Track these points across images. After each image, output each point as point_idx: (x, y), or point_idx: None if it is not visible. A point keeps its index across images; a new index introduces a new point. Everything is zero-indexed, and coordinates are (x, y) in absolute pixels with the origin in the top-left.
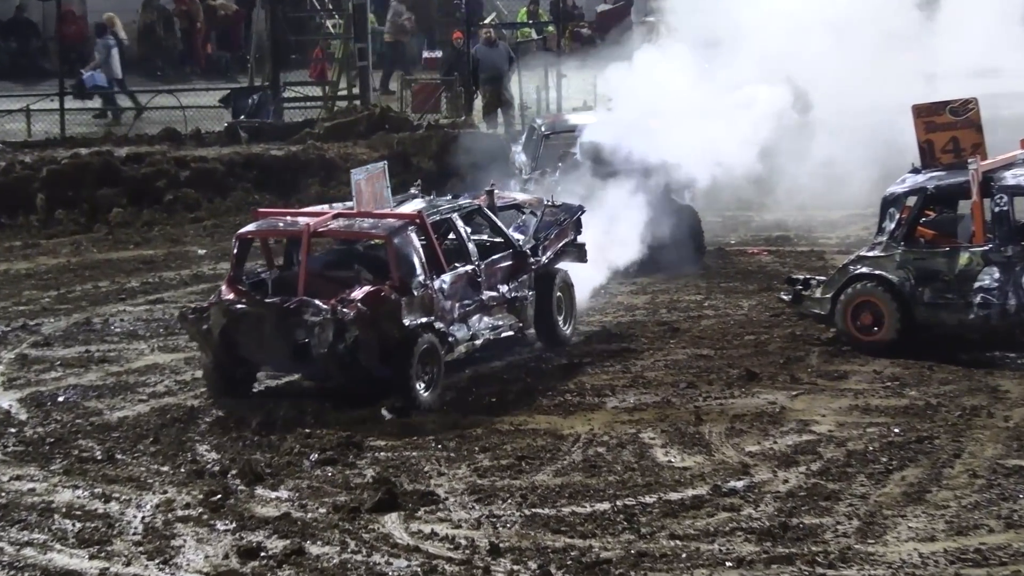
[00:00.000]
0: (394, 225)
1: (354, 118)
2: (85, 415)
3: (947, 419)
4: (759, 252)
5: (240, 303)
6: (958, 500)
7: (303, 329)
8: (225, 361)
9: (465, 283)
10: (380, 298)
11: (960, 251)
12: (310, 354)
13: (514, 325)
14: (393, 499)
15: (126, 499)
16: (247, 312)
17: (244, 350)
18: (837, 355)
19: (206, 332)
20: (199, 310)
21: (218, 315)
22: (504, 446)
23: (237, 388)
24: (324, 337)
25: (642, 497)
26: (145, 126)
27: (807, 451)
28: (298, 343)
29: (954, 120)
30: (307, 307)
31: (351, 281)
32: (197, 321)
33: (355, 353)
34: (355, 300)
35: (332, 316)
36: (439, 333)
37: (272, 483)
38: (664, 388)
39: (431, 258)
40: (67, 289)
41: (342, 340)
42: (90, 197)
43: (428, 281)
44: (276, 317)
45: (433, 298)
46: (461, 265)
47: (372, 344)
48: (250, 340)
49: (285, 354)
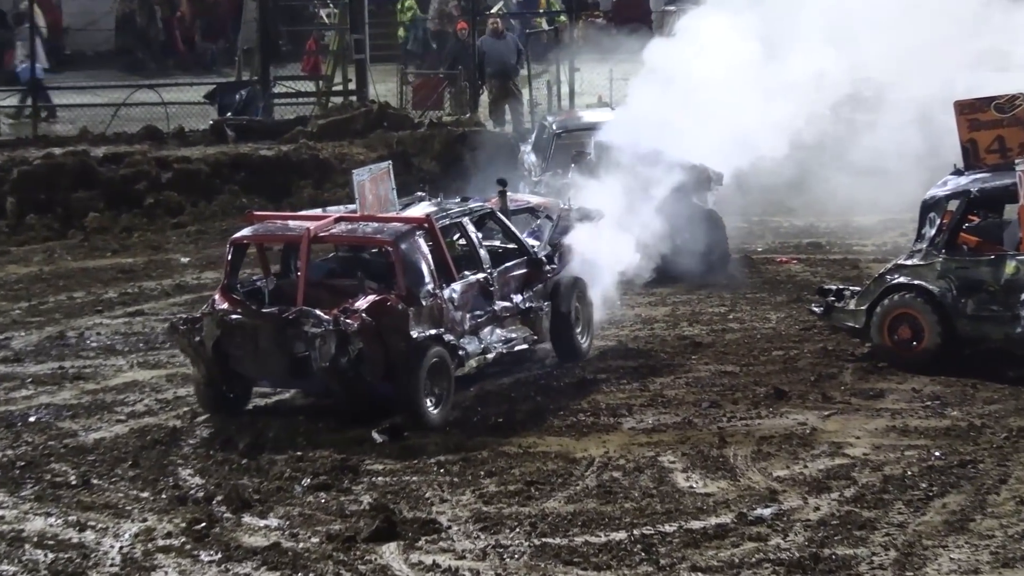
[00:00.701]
0: (401, 230)
1: (350, 115)
2: (59, 437)
3: (992, 441)
4: (788, 260)
5: (235, 313)
6: (1004, 529)
7: (302, 341)
8: (218, 376)
9: (477, 292)
10: (386, 308)
11: (1006, 259)
12: (310, 368)
13: (528, 338)
14: (391, 528)
15: (103, 528)
16: (242, 323)
17: (239, 364)
18: (872, 372)
19: (198, 345)
20: (191, 321)
21: (211, 326)
22: (512, 470)
23: (230, 405)
24: (326, 350)
25: (661, 526)
26: (124, 124)
27: (840, 476)
28: (297, 356)
29: (1000, 117)
30: (307, 318)
31: (354, 290)
32: (188, 333)
33: (359, 367)
34: (359, 310)
35: (334, 327)
36: (449, 346)
37: (261, 510)
38: (685, 408)
39: (440, 265)
40: (39, 300)
41: (345, 353)
42: (64, 200)
43: (437, 290)
44: (274, 328)
45: (443, 308)
46: (472, 273)
47: (377, 357)
48: (245, 353)
49: (283, 368)
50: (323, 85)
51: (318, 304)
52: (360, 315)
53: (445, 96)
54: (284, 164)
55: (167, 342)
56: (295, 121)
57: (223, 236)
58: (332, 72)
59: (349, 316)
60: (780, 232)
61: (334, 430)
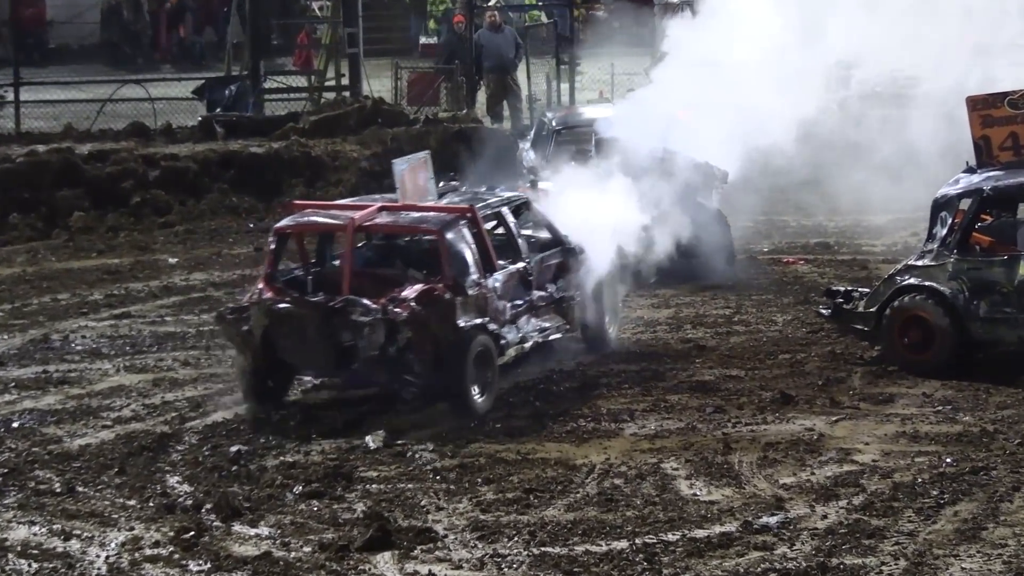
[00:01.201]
0: (445, 219)
1: (343, 111)
2: (43, 443)
3: (1005, 448)
4: (795, 261)
5: (283, 302)
6: (1017, 538)
7: (349, 330)
8: (264, 365)
9: (516, 282)
10: (434, 297)
11: (1020, 260)
12: (355, 357)
13: (561, 327)
14: (386, 536)
15: (88, 536)
16: (290, 312)
17: (285, 353)
18: (882, 376)
19: (246, 333)
20: (238, 310)
21: (259, 315)
22: (510, 477)
23: (272, 395)
24: (374, 339)
25: (664, 534)
26: (110, 120)
27: (848, 483)
28: (343, 346)
29: (1014, 113)
30: (354, 307)
31: (395, 279)
32: (236, 322)
33: (406, 356)
34: (408, 300)
35: (383, 316)
36: (493, 335)
37: (251, 519)
38: (689, 413)
39: (482, 255)
40: (22, 302)
41: (393, 342)
42: (48, 199)
43: (482, 279)
44: (320, 317)
45: (487, 298)
46: (512, 262)
47: (425, 347)
48: (292, 342)
49: (328, 357)
50: (315, 80)
51: (359, 293)
52: (409, 304)
53: (441, 91)
54: (275, 162)
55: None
56: (286, 117)
57: (212, 236)
58: (324, 67)
59: (398, 305)
60: (787, 232)
61: (327, 436)
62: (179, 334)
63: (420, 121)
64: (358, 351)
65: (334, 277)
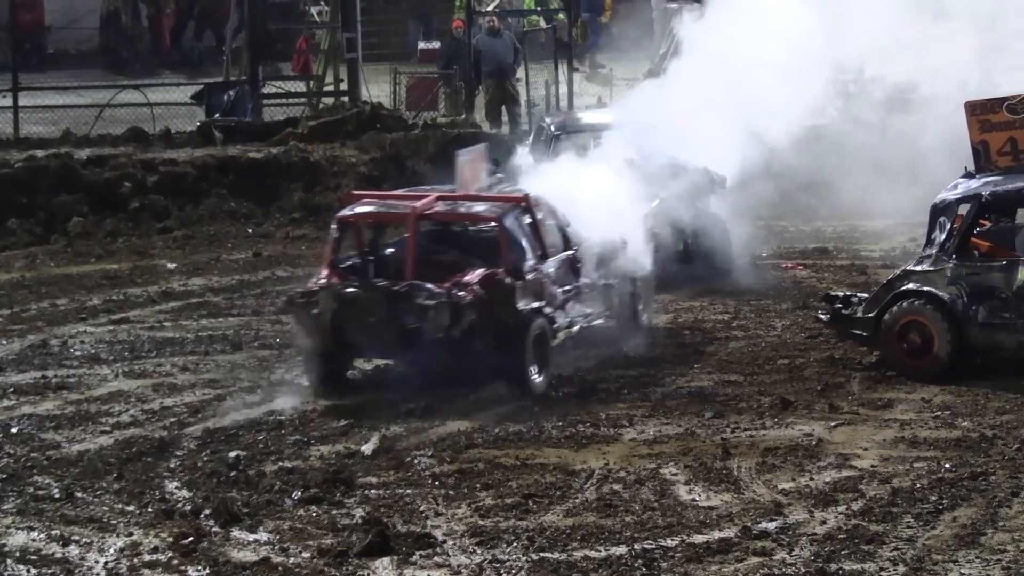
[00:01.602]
0: (504, 207)
1: (341, 116)
2: (41, 448)
3: (1004, 453)
4: (794, 266)
5: (351, 287)
6: (1016, 544)
7: (413, 314)
8: (332, 348)
9: (566, 269)
10: (496, 282)
11: (1019, 265)
12: (419, 339)
13: (603, 313)
14: (385, 542)
15: (87, 542)
16: (357, 296)
17: (351, 335)
18: (881, 381)
19: (316, 317)
20: (308, 294)
21: (328, 299)
22: (509, 483)
23: (335, 377)
24: (439, 322)
25: (663, 540)
26: (109, 125)
27: (847, 488)
28: (407, 328)
29: (1012, 119)
30: (419, 291)
31: (451, 264)
32: (306, 306)
33: (469, 338)
34: (471, 284)
35: (447, 300)
36: (548, 318)
37: (250, 524)
38: (688, 418)
39: (536, 242)
40: (21, 307)
41: (457, 325)
42: (47, 204)
43: (538, 265)
44: (386, 301)
45: (543, 283)
46: (561, 250)
47: (488, 329)
48: (359, 325)
49: (393, 339)
50: (314, 85)
51: (418, 278)
52: (473, 288)
53: (440, 96)
54: (273, 167)
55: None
56: (285, 122)
57: (210, 241)
58: (323, 72)
59: (462, 289)
60: (786, 237)
61: (326, 442)
62: (178, 339)
63: (419, 126)
64: (422, 333)
65: (391, 263)
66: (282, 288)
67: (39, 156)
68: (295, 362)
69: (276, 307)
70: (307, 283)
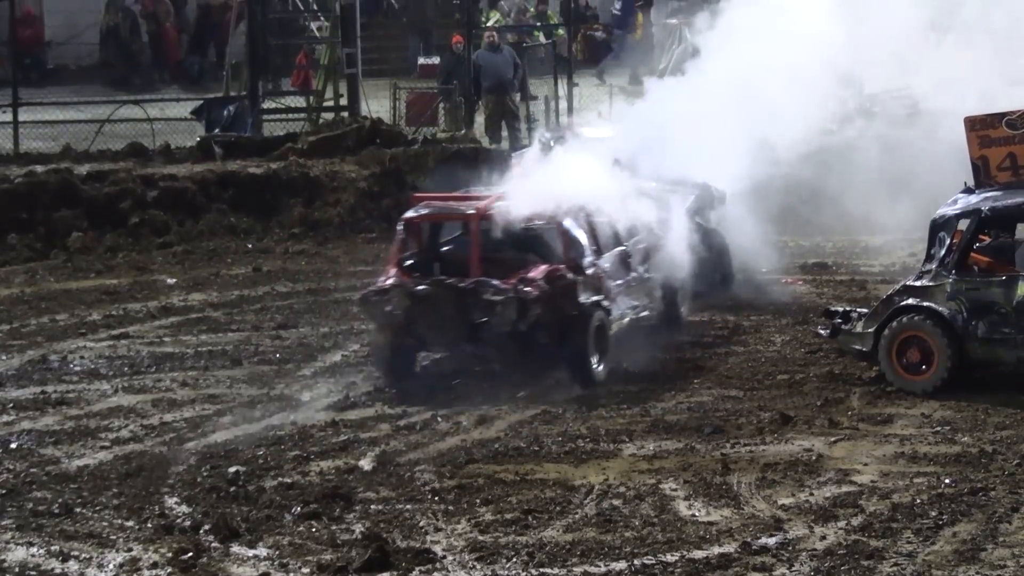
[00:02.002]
0: (564, 206)
1: (341, 132)
2: (41, 463)
3: (1004, 468)
4: (794, 281)
5: (422, 284)
6: (1016, 559)
7: (481, 309)
8: (402, 342)
9: (619, 264)
10: (559, 277)
11: (1018, 280)
12: (485, 333)
13: (647, 306)
14: (385, 557)
15: (86, 557)
16: (428, 293)
17: (422, 330)
18: (881, 396)
19: (389, 313)
20: (381, 292)
21: (401, 296)
22: (509, 498)
23: (404, 369)
24: (506, 316)
25: (663, 555)
26: (109, 140)
27: (847, 504)
28: (474, 322)
29: (1011, 134)
30: (486, 287)
31: (511, 261)
32: (380, 303)
33: (535, 331)
34: (537, 280)
35: (514, 295)
36: (606, 310)
37: (249, 540)
38: (687, 433)
39: (592, 239)
40: (21, 323)
41: (524, 318)
42: (46, 220)
43: (596, 261)
44: (455, 297)
45: (601, 277)
46: (615, 246)
47: (552, 322)
48: (429, 320)
49: (461, 334)
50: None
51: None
52: (539, 284)
53: (440, 112)
54: (273, 182)
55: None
56: (285, 137)
57: (210, 256)
58: (323, 87)
59: (528, 285)
60: (785, 252)
61: (325, 457)
62: (177, 354)
63: (418, 141)
64: (490, 327)
65: (453, 261)
66: (282, 303)
67: (39, 171)
68: (295, 377)
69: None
70: (376, 282)
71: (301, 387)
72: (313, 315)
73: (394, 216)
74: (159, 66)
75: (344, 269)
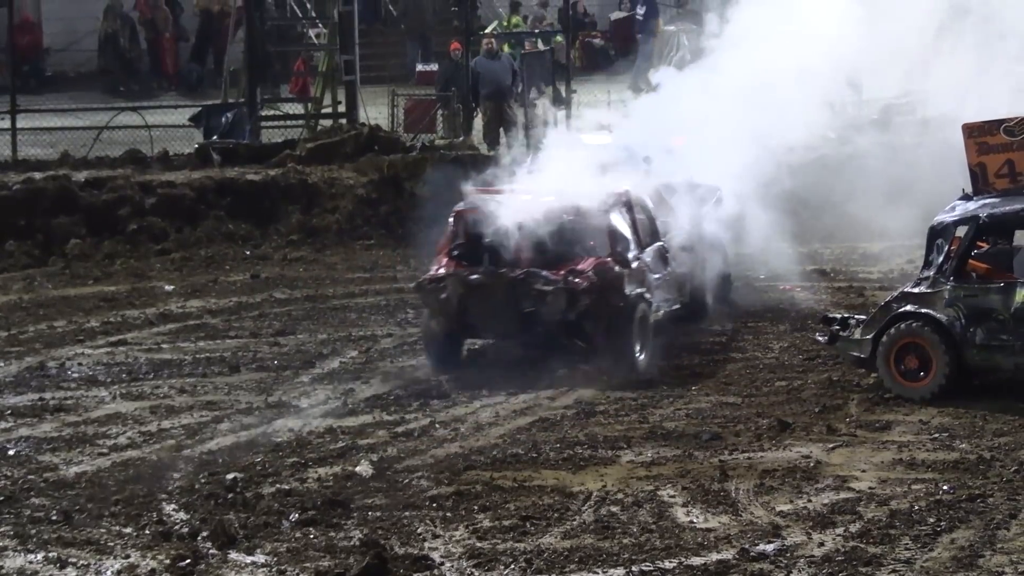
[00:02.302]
0: (609, 201)
1: (339, 139)
2: (38, 470)
3: (1002, 475)
4: (792, 287)
5: (476, 274)
6: (1014, 566)
7: (531, 298)
8: (455, 328)
9: (658, 258)
10: (607, 269)
11: (1017, 287)
12: (535, 322)
13: (679, 299)
14: (382, 564)
15: (84, 564)
16: (481, 282)
17: (474, 318)
18: (879, 403)
19: (444, 301)
20: (436, 280)
21: (455, 285)
22: (506, 505)
23: (453, 354)
24: (556, 306)
25: (661, 562)
26: (107, 147)
27: (845, 511)
28: (524, 311)
29: (1009, 141)
30: (537, 278)
31: (557, 253)
32: (435, 291)
33: (583, 321)
34: (586, 271)
35: (564, 286)
36: (648, 302)
37: (247, 546)
38: (685, 440)
39: (635, 233)
40: (19, 329)
41: (572, 308)
42: (44, 227)
43: (640, 255)
44: (508, 287)
45: (644, 270)
46: (654, 241)
47: (599, 312)
48: (481, 308)
49: (511, 322)
50: (312, 107)
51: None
52: (588, 275)
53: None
54: (271, 189)
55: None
56: (283, 144)
57: (208, 263)
58: (321, 94)
59: (577, 276)
60: (783, 258)
61: (323, 464)
62: (175, 361)
63: (417, 148)
64: (539, 316)
65: (502, 252)
66: (280, 310)
67: (37, 178)
68: (293, 383)
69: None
70: (429, 271)
71: (299, 394)
72: (311, 322)
73: (392, 223)
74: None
75: (342, 276)
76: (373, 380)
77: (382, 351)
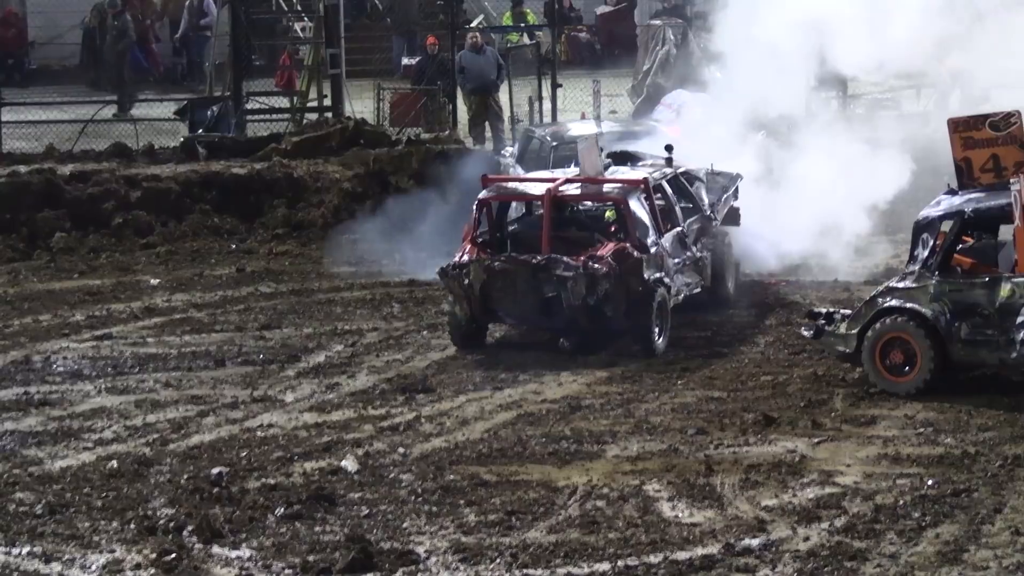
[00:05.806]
0: (628, 189)
1: (325, 132)
2: (23, 464)
3: (987, 470)
4: (777, 282)
5: (499, 260)
6: (999, 560)
7: (552, 284)
8: (478, 313)
9: (677, 243)
10: (626, 255)
11: (1001, 281)
12: (556, 307)
13: (698, 283)
14: (368, 559)
15: (69, 559)
16: (504, 268)
17: (497, 302)
18: (864, 398)
19: (468, 287)
20: (459, 266)
21: (478, 271)
22: (492, 499)
23: (475, 338)
24: (577, 291)
25: (646, 556)
26: (92, 141)
27: (830, 505)
28: (546, 296)
29: (995, 136)
30: (557, 264)
31: (576, 239)
32: (458, 277)
33: (603, 305)
34: (606, 257)
35: (584, 271)
36: (667, 287)
37: (232, 541)
38: (671, 434)
39: (654, 219)
40: (3, 323)
41: (593, 293)
42: (29, 220)
43: (659, 240)
44: (529, 273)
45: (663, 256)
46: (673, 226)
47: (620, 297)
48: (504, 294)
49: (534, 307)
50: (297, 101)
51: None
52: (608, 261)
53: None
54: (257, 182)
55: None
56: (268, 138)
57: (193, 257)
58: (307, 88)
59: (597, 262)
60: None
61: (308, 458)
62: (161, 355)
63: (402, 142)
64: (561, 301)
65: (523, 239)
66: (265, 304)
67: (22, 172)
68: (279, 378)
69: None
70: (452, 257)
71: (284, 388)
72: (297, 316)
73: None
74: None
75: (328, 270)
76: (359, 374)
77: (368, 345)
